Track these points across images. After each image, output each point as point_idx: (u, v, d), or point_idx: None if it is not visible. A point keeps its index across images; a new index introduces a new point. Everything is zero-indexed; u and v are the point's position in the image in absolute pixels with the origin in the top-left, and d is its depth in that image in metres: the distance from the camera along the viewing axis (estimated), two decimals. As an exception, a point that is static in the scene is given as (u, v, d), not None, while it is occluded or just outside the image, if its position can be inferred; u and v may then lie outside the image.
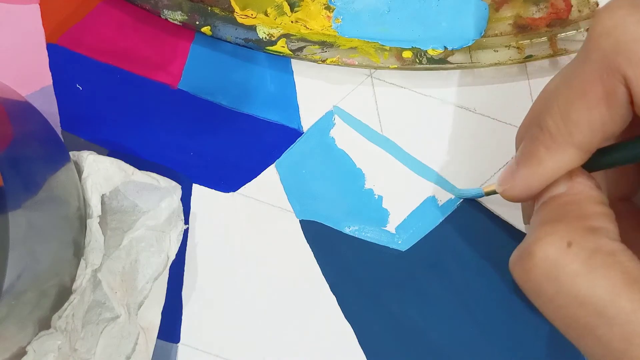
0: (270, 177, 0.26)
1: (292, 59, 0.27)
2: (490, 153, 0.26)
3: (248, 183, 0.26)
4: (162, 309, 0.24)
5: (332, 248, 0.26)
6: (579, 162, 0.18)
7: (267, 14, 0.26)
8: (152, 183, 0.24)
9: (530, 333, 0.25)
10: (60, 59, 0.27)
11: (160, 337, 0.25)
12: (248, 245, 0.26)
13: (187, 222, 0.26)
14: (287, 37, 0.26)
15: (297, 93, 0.27)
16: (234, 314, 0.25)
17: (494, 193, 0.23)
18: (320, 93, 0.27)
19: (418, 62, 0.25)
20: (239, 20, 0.26)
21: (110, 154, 0.24)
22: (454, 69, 0.26)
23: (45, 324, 0.21)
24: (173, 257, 0.25)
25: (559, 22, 0.25)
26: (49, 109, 0.27)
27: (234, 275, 0.26)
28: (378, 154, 0.26)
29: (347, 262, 0.26)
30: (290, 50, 0.26)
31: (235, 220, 0.26)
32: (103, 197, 0.23)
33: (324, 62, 0.26)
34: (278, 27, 0.26)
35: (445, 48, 0.25)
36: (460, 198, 0.26)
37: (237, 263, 0.26)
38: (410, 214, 0.26)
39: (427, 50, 0.25)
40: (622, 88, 0.17)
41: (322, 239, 0.26)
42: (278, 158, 0.26)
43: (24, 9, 0.27)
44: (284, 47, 0.26)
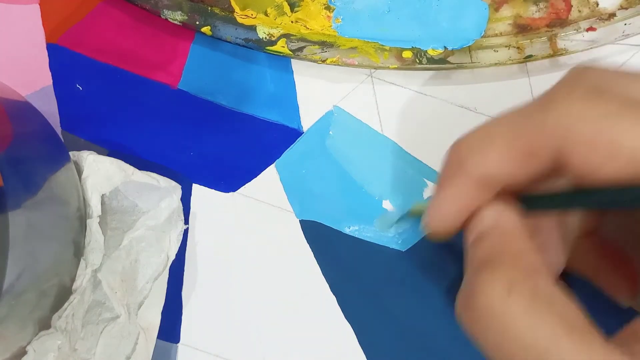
0: (270, 177, 0.26)
1: (292, 59, 0.27)
2: (490, 153, 0.26)
3: (248, 183, 0.26)
4: (162, 309, 0.24)
5: (332, 248, 0.26)
6: (482, 197, 0.19)
7: (267, 14, 0.26)
8: (152, 183, 0.24)
9: (530, 333, 0.25)
10: (60, 59, 0.27)
11: (160, 337, 0.25)
12: (248, 245, 0.26)
13: (187, 222, 0.26)
14: (287, 37, 0.26)
15: (297, 93, 0.27)
16: (234, 314, 0.25)
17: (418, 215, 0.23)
18: (320, 93, 0.27)
19: (418, 62, 0.25)
20: (239, 20, 0.26)
21: (110, 154, 0.24)
22: (454, 69, 0.26)
23: (46, 324, 0.21)
24: (173, 257, 0.25)
25: (559, 22, 0.25)
26: (49, 109, 0.27)
27: (234, 275, 0.26)
28: (378, 154, 0.26)
29: (347, 262, 0.26)
30: (290, 50, 0.26)
31: (235, 220, 0.26)
32: (103, 197, 0.23)
33: (324, 62, 0.26)
34: (278, 27, 0.26)
35: (445, 48, 0.25)
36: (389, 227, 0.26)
37: (237, 263, 0.26)
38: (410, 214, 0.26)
39: (427, 50, 0.25)
40: (549, 157, 0.17)
41: (322, 239, 0.26)
42: (278, 158, 0.26)
43: (24, 9, 0.27)
44: (284, 47, 0.26)
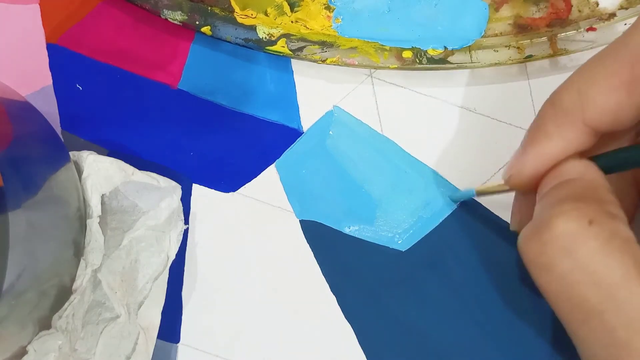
0: (270, 177, 0.26)
1: (292, 59, 0.27)
2: (491, 153, 0.26)
3: (248, 183, 0.26)
4: (162, 309, 0.24)
5: (332, 248, 0.26)
6: (586, 144, 0.18)
7: (267, 14, 0.26)
8: (152, 183, 0.24)
9: (530, 333, 0.25)
10: (60, 59, 0.27)
11: (160, 337, 0.25)
12: (248, 245, 0.26)
13: (187, 222, 0.26)
14: (287, 37, 0.26)
15: (297, 93, 0.27)
16: (234, 314, 0.25)
17: (488, 193, 0.23)
18: (320, 93, 0.27)
19: (418, 62, 0.25)
20: (239, 20, 0.26)
21: (110, 154, 0.24)
22: (454, 69, 0.26)
23: (46, 324, 0.21)
24: (173, 257, 0.25)
25: (559, 22, 0.25)
26: (49, 109, 0.27)
27: (234, 275, 0.26)
28: (378, 154, 0.26)
29: (347, 262, 0.26)
30: (290, 50, 0.26)
31: (235, 220, 0.26)
32: (103, 197, 0.23)
33: (324, 62, 0.26)
34: (278, 27, 0.26)
35: (445, 48, 0.25)
36: (456, 202, 0.26)
37: (237, 263, 0.26)
38: (410, 214, 0.26)
39: (427, 50, 0.25)
40: None
41: (322, 239, 0.26)
42: (278, 158, 0.26)
43: (24, 9, 0.27)
44: (284, 47, 0.26)
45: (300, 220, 0.26)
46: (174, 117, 0.27)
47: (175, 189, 0.24)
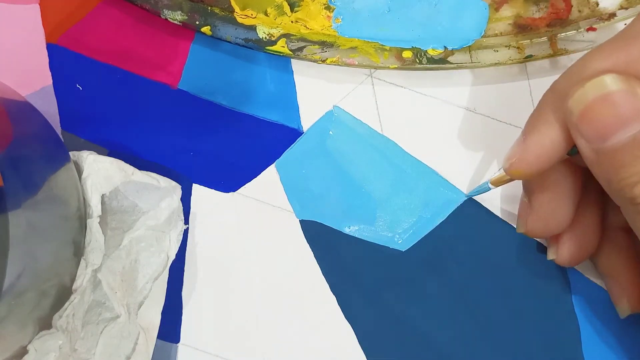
0: (270, 177, 0.26)
1: (292, 59, 0.27)
2: (491, 153, 0.26)
3: (248, 183, 0.26)
4: (162, 309, 0.24)
5: (332, 248, 0.26)
6: None
7: (267, 14, 0.26)
8: (152, 183, 0.24)
9: (530, 333, 0.25)
10: (60, 59, 0.27)
11: (160, 337, 0.25)
12: (248, 245, 0.26)
13: (187, 222, 0.26)
14: (287, 37, 0.26)
15: (297, 93, 0.27)
16: (234, 314, 0.25)
17: (502, 183, 0.23)
18: (320, 93, 0.27)
19: (418, 62, 0.25)
20: (239, 20, 0.26)
21: (110, 154, 0.24)
22: (454, 69, 0.26)
23: (46, 324, 0.21)
24: (173, 257, 0.25)
25: (559, 22, 0.25)
26: (49, 109, 0.27)
27: (234, 275, 0.26)
28: (378, 154, 0.26)
29: (347, 262, 0.26)
30: (290, 50, 0.26)
31: (235, 220, 0.26)
32: (103, 197, 0.23)
33: (324, 62, 0.26)
34: (278, 27, 0.26)
35: (445, 48, 0.25)
36: (470, 197, 0.26)
37: (237, 263, 0.26)
38: (410, 214, 0.26)
39: (427, 50, 0.25)
40: None
41: (322, 239, 0.26)
42: (278, 158, 0.26)
43: (24, 9, 0.27)
44: (284, 47, 0.26)
45: (300, 220, 0.26)
46: (174, 117, 0.27)
47: (175, 189, 0.24)
